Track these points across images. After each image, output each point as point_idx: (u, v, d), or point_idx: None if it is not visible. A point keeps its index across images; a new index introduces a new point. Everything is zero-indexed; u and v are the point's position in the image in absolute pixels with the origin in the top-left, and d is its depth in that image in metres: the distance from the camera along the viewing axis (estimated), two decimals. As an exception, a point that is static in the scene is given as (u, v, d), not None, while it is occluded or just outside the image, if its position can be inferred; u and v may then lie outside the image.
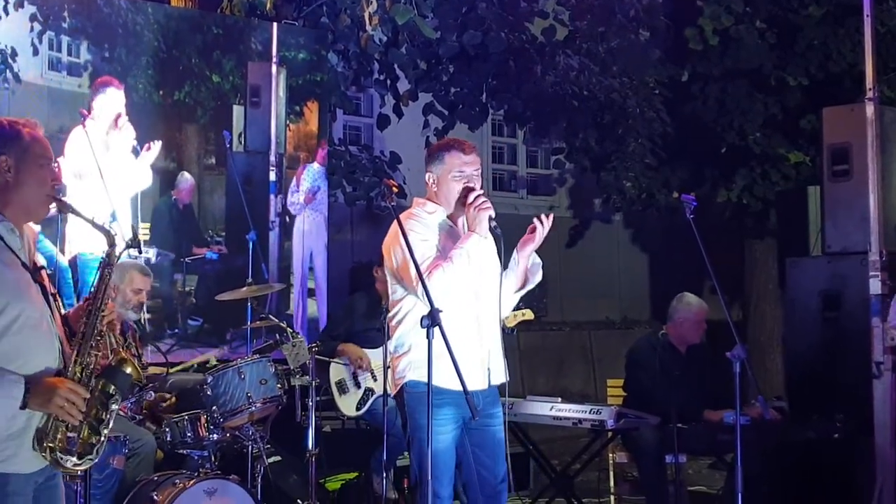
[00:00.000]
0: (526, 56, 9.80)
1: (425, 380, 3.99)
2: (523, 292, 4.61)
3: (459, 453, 4.44)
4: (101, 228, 3.34)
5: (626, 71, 10.38)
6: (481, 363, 4.42)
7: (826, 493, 6.67)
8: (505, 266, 4.47)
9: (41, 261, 3.39)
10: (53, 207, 3.33)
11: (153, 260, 7.24)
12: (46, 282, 3.28)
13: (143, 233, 7.22)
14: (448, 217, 4.49)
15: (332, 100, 8.76)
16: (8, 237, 3.19)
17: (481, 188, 4.45)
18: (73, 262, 6.72)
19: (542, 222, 4.42)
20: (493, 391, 4.52)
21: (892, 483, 6.64)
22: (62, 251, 6.61)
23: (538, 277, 4.59)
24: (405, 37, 8.96)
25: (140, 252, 3.49)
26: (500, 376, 4.51)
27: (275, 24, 8.05)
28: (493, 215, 4.35)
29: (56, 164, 3.35)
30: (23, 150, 3.22)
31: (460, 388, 4.05)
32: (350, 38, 8.76)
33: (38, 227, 6.20)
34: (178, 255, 7.60)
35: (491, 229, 4.33)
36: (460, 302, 4.34)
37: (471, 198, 4.35)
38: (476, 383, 4.35)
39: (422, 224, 4.41)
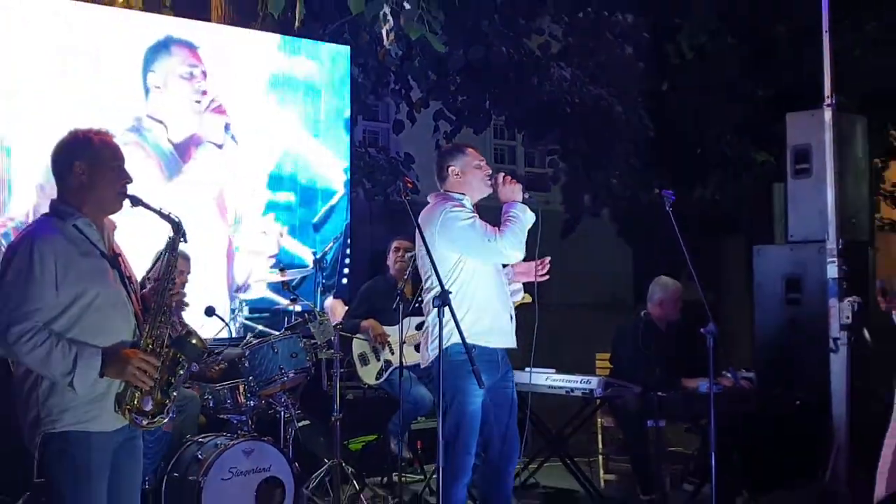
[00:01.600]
0: (524, 68, 9.80)
1: (470, 342, 4.14)
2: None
3: (484, 412, 4.48)
4: (167, 218, 3.40)
5: (613, 82, 10.37)
6: (509, 323, 4.53)
7: (788, 454, 6.68)
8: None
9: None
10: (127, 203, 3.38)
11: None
12: (124, 267, 3.38)
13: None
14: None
15: (353, 107, 8.76)
16: (86, 231, 3.28)
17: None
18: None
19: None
20: (508, 356, 4.62)
21: (847, 447, 6.66)
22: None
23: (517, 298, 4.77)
24: (418, 51, 8.97)
25: (185, 241, 3.51)
26: (514, 339, 4.62)
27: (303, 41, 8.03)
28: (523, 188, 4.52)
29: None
30: (94, 155, 3.31)
31: (497, 347, 4.41)
32: (369, 52, 8.77)
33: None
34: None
35: (525, 200, 4.48)
36: (495, 270, 4.50)
37: (500, 178, 4.53)
38: (506, 342, 4.53)
39: (465, 206, 4.53)
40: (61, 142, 3.36)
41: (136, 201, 3.35)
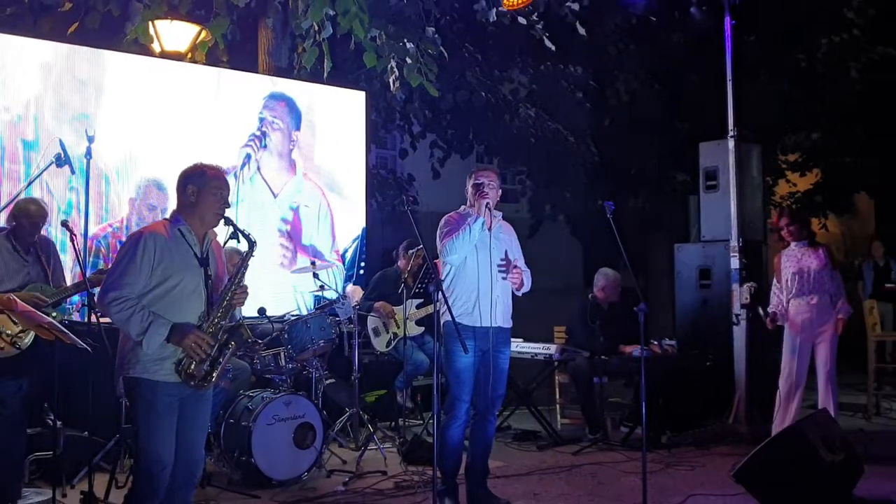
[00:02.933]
0: (499, 108, 9.78)
1: (458, 320, 4.24)
2: (519, 293, 4.64)
3: (475, 373, 4.45)
4: (247, 238, 3.47)
5: (567, 119, 10.35)
6: (487, 306, 4.45)
7: (700, 403, 6.68)
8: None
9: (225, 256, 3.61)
10: (222, 222, 3.46)
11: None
12: (211, 268, 3.41)
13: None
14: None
15: (368, 138, 8.72)
16: (187, 235, 3.37)
17: (496, 189, 4.54)
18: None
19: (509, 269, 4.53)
20: (504, 333, 4.54)
21: (745, 396, 6.66)
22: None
23: (526, 288, 4.64)
24: (417, 95, 8.93)
25: (238, 241, 3.51)
26: (504, 321, 4.54)
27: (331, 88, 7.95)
28: (489, 202, 4.46)
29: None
30: (204, 182, 3.40)
31: (478, 325, 4.34)
32: (380, 96, 8.73)
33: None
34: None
35: (489, 209, 4.45)
36: (474, 261, 4.45)
37: (477, 191, 4.50)
38: (485, 321, 4.43)
39: (451, 218, 4.55)
40: (186, 169, 3.45)
41: (227, 221, 3.44)
